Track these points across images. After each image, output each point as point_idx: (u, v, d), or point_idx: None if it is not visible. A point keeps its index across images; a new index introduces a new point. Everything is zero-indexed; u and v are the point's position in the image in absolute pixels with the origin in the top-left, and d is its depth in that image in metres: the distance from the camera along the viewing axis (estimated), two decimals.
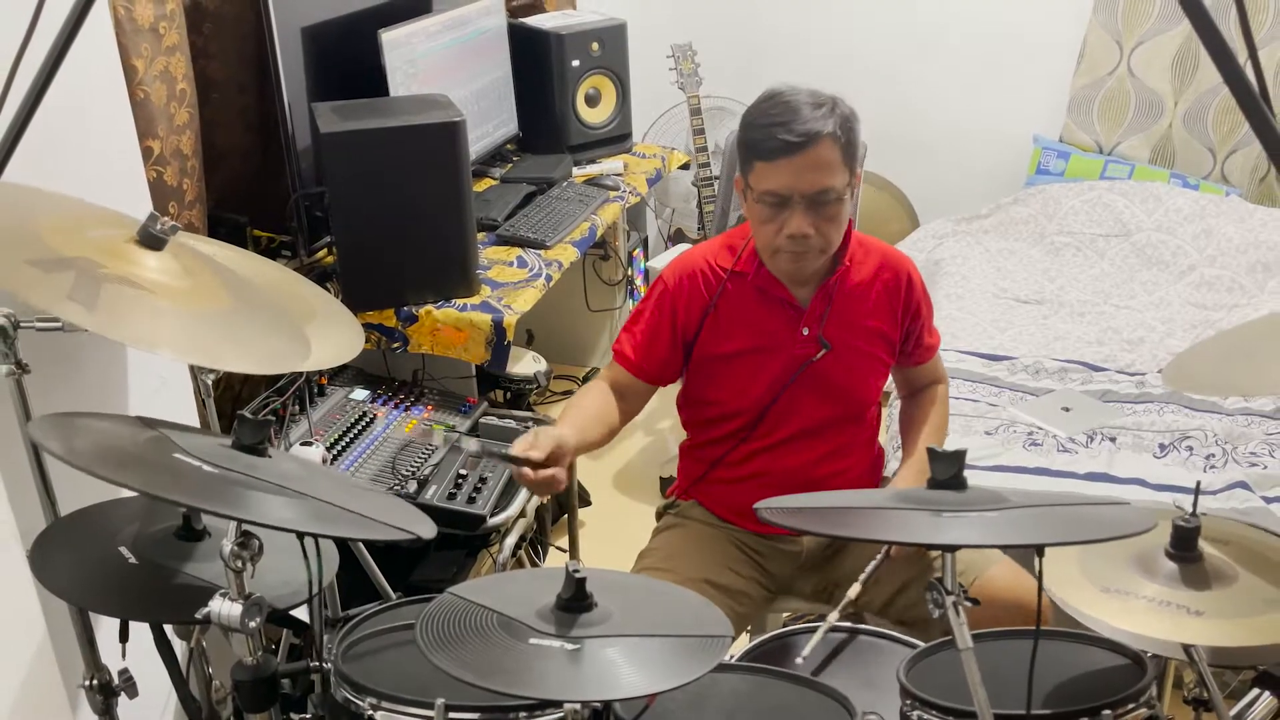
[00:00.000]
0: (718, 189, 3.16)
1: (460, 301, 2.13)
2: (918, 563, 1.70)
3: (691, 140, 3.23)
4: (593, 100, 2.96)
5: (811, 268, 1.66)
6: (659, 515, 1.92)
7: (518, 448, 1.48)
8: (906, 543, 1.62)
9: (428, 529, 1.23)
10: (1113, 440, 2.35)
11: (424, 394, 2.16)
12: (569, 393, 3.34)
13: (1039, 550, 1.15)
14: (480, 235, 2.35)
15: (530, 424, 2.10)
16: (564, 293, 3.27)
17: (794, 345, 1.70)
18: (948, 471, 1.21)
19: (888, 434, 2.35)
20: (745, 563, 1.78)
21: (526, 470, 1.47)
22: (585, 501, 2.79)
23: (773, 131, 1.55)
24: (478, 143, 2.66)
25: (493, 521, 1.86)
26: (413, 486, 1.85)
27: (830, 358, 1.70)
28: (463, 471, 1.91)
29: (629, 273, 3.35)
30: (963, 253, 3.26)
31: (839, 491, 1.69)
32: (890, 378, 1.88)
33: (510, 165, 2.83)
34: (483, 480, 1.90)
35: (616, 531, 2.25)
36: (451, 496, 1.85)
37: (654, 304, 1.74)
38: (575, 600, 1.10)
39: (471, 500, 1.85)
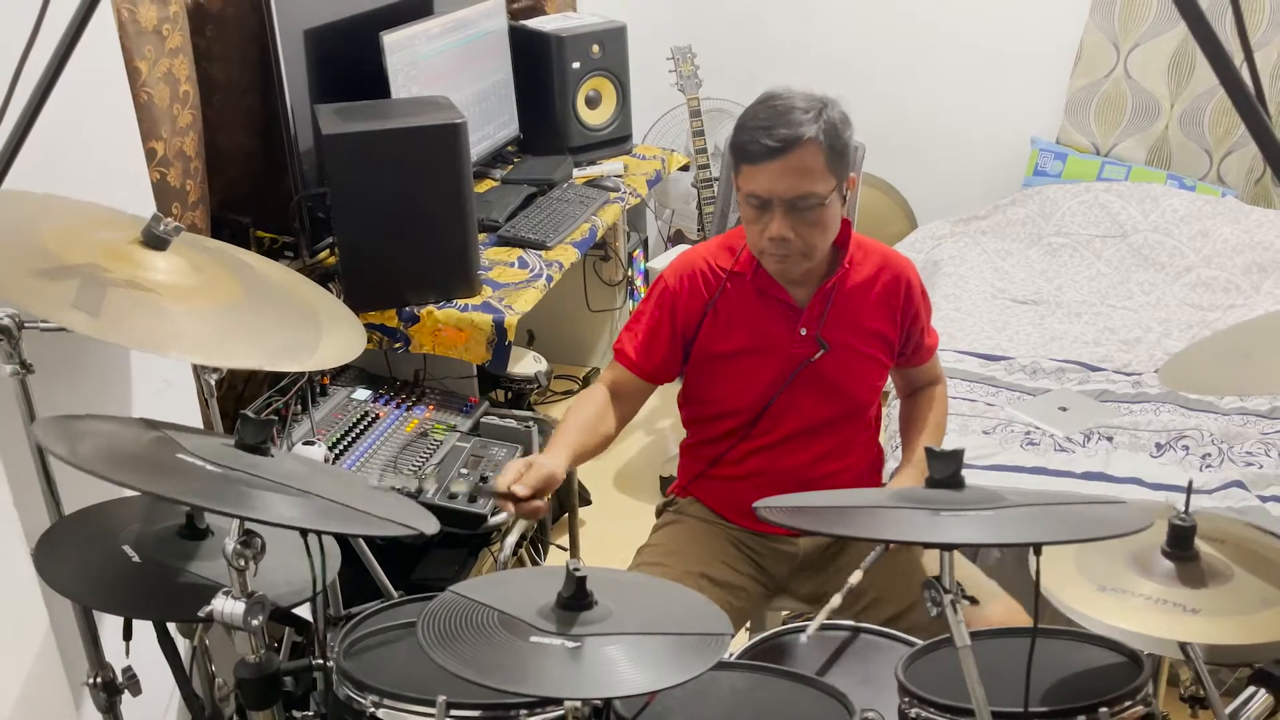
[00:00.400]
0: (717, 190, 3.18)
1: (461, 302, 2.14)
2: (918, 585, 1.69)
3: (691, 142, 3.24)
4: (593, 102, 2.97)
5: (797, 270, 1.67)
6: (658, 512, 1.93)
7: (506, 477, 1.51)
8: (905, 541, 1.62)
9: (430, 525, 1.24)
10: (1109, 440, 2.36)
11: (425, 394, 2.17)
12: (570, 392, 3.35)
13: (1036, 549, 1.16)
14: (481, 236, 2.36)
15: (530, 424, 2.11)
16: (565, 293, 3.28)
17: (792, 345, 1.71)
18: (945, 471, 1.22)
19: (886, 434, 2.36)
20: (742, 560, 1.79)
21: (509, 504, 1.50)
22: (586, 500, 2.80)
23: (756, 135, 1.56)
24: (479, 144, 2.67)
25: (493, 520, 1.87)
26: (414, 486, 1.86)
27: (828, 358, 1.71)
28: (464, 471, 1.92)
29: (629, 273, 3.36)
30: (960, 254, 3.27)
31: (837, 491, 1.70)
32: (889, 378, 1.89)
33: (511, 167, 2.84)
34: (484, 480, 1.91)
35: (617, 530, 2.26)
36: (453, 496, 1.86)
37: (655, 303, 1.75)
38: (576, 598, 1.11)
39: (473, 499, 1.86)
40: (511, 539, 1.95)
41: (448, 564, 2.05)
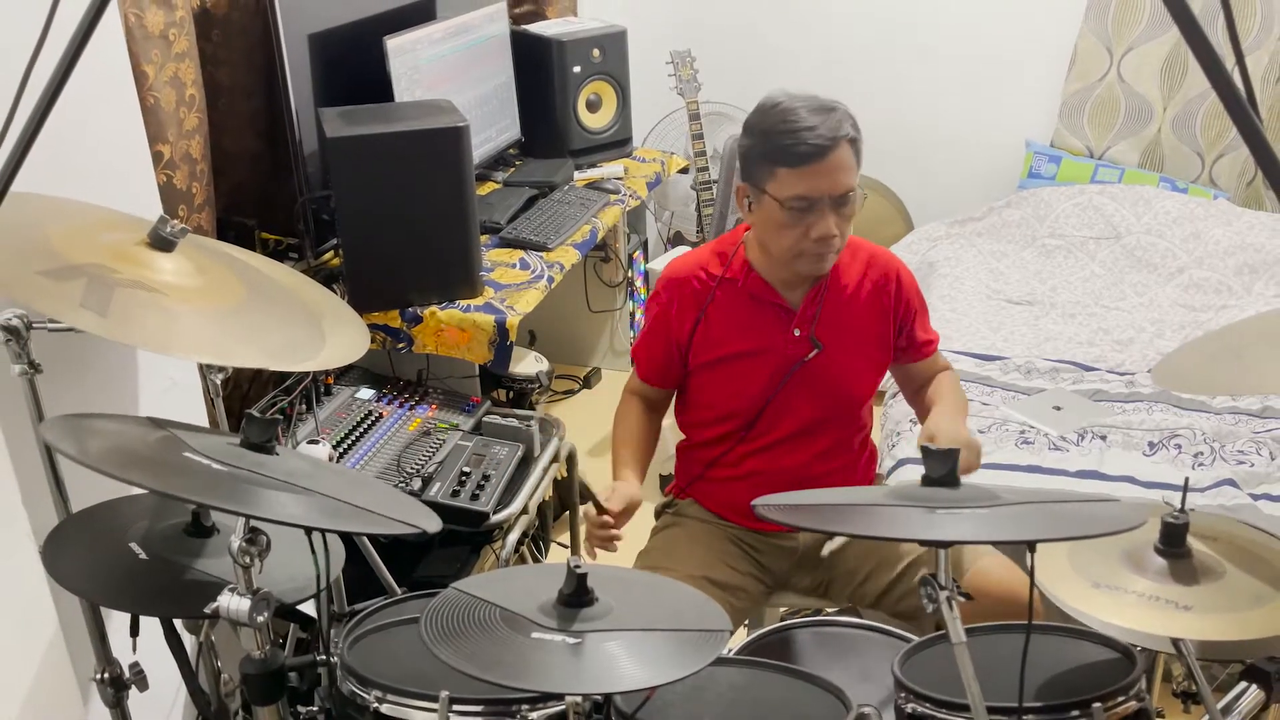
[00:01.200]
0: (716, 192, 3.20)
1: (464, 303, 2.16)
2: (909, 555, 1.74)
3: (690, 145, 3.26)
4: (593, 106, 2.99)
5: (829, 267, 1.69)
6: (657, 514, 1.94)
7: (600, 495, 1.64)
8: (903, 539, 1.65)
9: (433, 524, 1.25)
10: (1103, 438, 2.38)
11: (428, 393, 2.18)
12: (570, 392, 3.36)
13: (1030, 546, 1.17)
14: (483, 238, 2.38)
15: (530, 423, 2.13)
16: (565, 294, 3.29)
17: (786, 347, 1.73)
18: (941, 469, 1.24)
19: (882, 433, 2.38)
20: (742, 559, 1.80)
21: (607, 519, 1.62)
22: (586, 499, 2.81)
23: (801, 137, 1.57)
24: (481, 147, 2.69)
25: (496, 518, 1.88)
26: (417, 484, 1.88)
27: (822, 357, 1.73)
28: (466, 469, 1.94)
29: (629, 274, 3.37)
30: (956, 255, 3.29)
31: (835, 489, 1.72)
32: (891, 376, 1.91)
33: (513, 169, 2.86)
34: (485, 478, 1.92)
35: None
36: (455, 494, 1.88)
37: (653, 315, 1.79)
38: (576, 595, 1.12)
39: (475, 497, 1.88)
40: (513, 537, 1.96)
41: (450, 561, 2.07)
